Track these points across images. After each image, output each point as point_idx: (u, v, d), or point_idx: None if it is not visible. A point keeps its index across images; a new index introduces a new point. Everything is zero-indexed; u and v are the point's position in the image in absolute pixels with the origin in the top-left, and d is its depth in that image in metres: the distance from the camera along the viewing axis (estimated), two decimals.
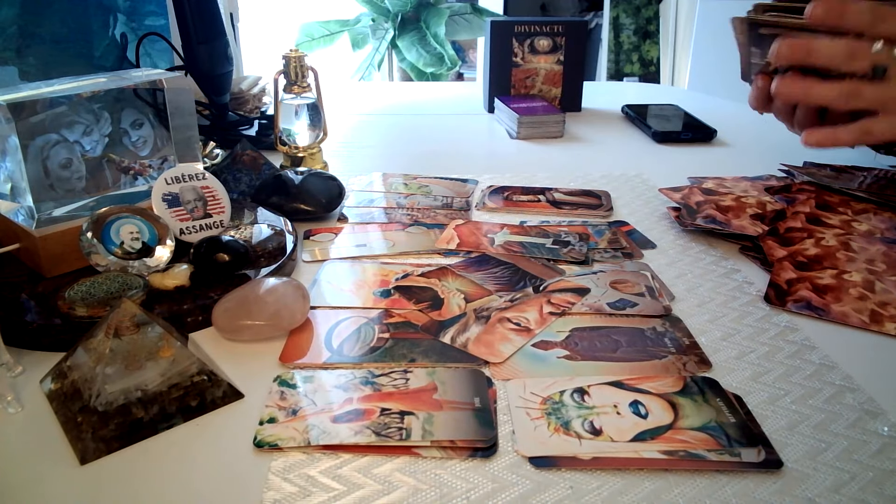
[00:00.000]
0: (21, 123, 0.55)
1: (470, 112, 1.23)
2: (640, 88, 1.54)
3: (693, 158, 0.96)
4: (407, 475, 0.39)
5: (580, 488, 0.38)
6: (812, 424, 0.43)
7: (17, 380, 0.47)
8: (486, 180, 0.86)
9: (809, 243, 0.63)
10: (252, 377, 0.47)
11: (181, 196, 0.62)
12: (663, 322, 0.54)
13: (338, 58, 3.46)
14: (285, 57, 0.81)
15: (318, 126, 0.85)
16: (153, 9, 1.04)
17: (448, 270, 0.61)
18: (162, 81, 0.65)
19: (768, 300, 0.57)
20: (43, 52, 0.90)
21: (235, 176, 0.77)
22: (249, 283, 0.55)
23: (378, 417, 0.42)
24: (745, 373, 0.48)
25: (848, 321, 0.54)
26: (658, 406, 0.44)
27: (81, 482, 0.38)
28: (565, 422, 0.42)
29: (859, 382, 0.47)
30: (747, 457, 0.40)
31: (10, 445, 0.41)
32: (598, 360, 0.49)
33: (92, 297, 0.50)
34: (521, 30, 1.16)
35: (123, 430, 0.41)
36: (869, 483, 0.38)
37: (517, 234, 0.70)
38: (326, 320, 0.54)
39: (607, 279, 0.60)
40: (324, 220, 0.74)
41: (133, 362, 0.42)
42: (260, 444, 0.41)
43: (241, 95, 1.10)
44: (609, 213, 0.76)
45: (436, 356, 0.49)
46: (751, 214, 0.69)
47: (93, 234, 0.55)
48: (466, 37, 3.57)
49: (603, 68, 3.80)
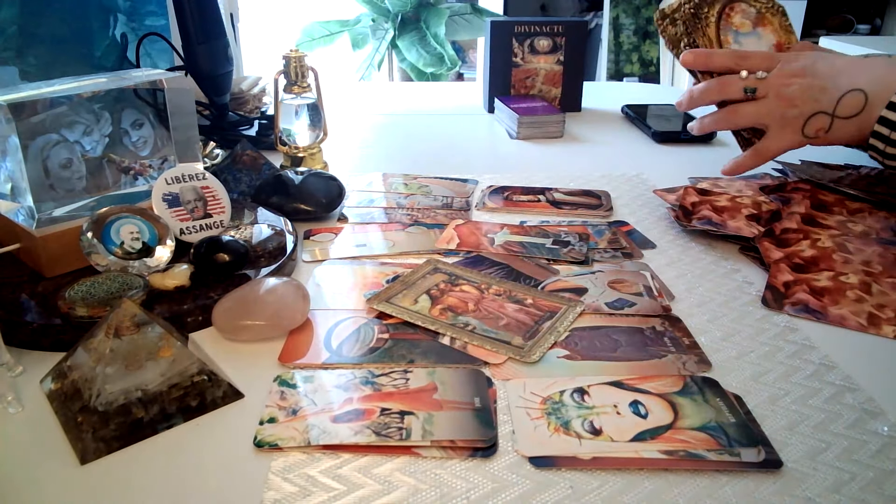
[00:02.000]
0: (21, 123, 0.55)
1: (470, 112, 1.23)
2: (640, 88, 1.54)
3: (693, 158, 0.96)
4: (407, 475, 0.39)
5: (580, 488, 0.38)
6: (812, 424, 0.43)
7: (17, 380, 0.47)
8: (486, 180, 0.86)
9: (805, 244, 0.63)
10: (252, 377, 0.47)
11: (181, 196, 0.62)
12: (663, 322, 0.54)
13: (338, 58, 3.46)
14: (285, 57, 0.81)
15: (318, 126, 0.85)
16: (153, 9, 1.04)
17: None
18: (162, 81, 0.65)
19: (766, 303, 0.57)
20: (43, 52, 0.90)
21: (235, 176, 0.77)
22: (249, 283, 0.55)
23: (378, 417, 0.42)
24: (745, 373, 0.48)
25: (846, 324, 0.54)
26: (658, 406, 0.44)
27: (81, 482, 0.38)
28: (565, 422, 0.42)
29: (859, 382, 0.47)
30: (747, 457, 0.40)
31: (10, 445, 0.41)
32: (597, 360, 0.49)
33: (92, 297, 0.50)
34: (521, 30, 1.16)
35: (123, 430, 0.41)
36: (869, 483, 0.38)
37: (517, 234, 0.70)
38: (326, 320, 0.54)
39: (605, 279, 0.60)
40: (324, 220, 0.74)
41: (133, 362, 0.42)
42: (260, 444, 0.41)
43: (241, 95, 1.10)
44: (609, 213, 0.76)
45: (435, 357, 0.49)
46: (746, 215, 0.69)
47: (93, 234, 0.55)
48: (466, 37, 3.57)
49: (603, 68, 3.80)
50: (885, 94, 0.63)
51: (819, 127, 0.68)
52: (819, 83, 0.67)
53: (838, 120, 0.66)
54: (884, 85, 0.63)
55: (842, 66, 0.67)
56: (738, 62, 0.72)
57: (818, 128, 0.68)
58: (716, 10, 0.78)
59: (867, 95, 0.64)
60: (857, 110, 0.65)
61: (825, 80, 0.67)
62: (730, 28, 0.79)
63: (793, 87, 0.69)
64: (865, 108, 0.65)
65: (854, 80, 0.65)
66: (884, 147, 0.62)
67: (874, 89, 0.64)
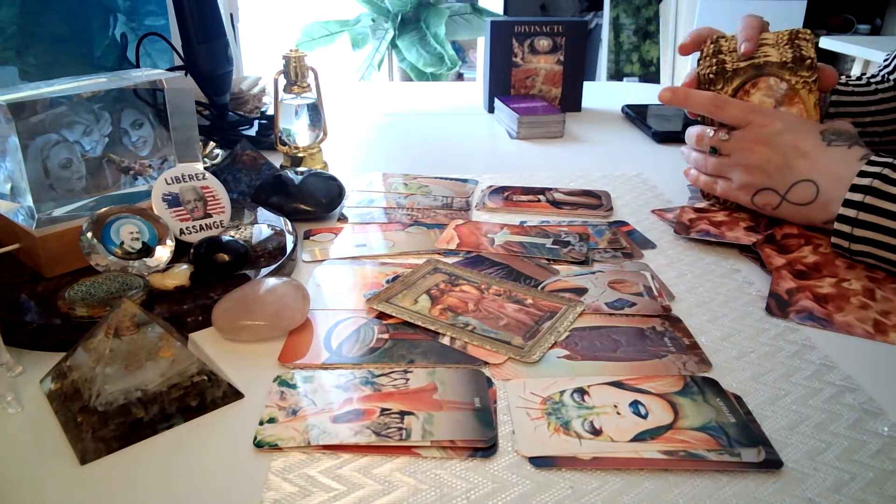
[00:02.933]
0: (21, 123, 0.55)
1: (470, 112, 1.23)
2: (640, 88, 1.54)
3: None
4: (407, 475, 0.39)
5: (580, 488, 0.38)
6: (812, 424, 0.43)
7: (17, 380, 0.47)
8: (486, 180, 0.86)
9: (807, 250, 0.63)
10: (252, 377, 0.47)
11: (181, 196, 0.62)
12: (663, 322, 0.54)
13: (338, 58, 3.46)
14: (285, 57, 0.81)
15: (318, 126, 0.85)
16: (153, 9, 1.04)
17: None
18: (162, 81, 0.65)
19: (770, 311, 0.56)
20: (43, 52, 0.89)
21: (235, 176, 0.77)
22: (249, 283, 0.55)
23: (378, 417, 0.42)
24: (745, 373, 0.48)
25: (853, 332, 0.53)
26: (658, 406, 0.44)
27: (81, 482, 0.38)
28: (565, 422, 0.42)
29: (859, 382, 0.47)
30: (747, 457, 0.40)
31: (10, 445, 0.41)
32: (598, 360, 0.49)
33: (92, 297, 0.50)
34: (521, 30, 1.16)
35: (123, 430, 0.41)
36: (869, 483, 0.38)
37: (517, 234, 0.70)
38: (326, 321, 0.54)
39: (606, 279, 0.60)
40: (324, 220, 0.74)
41: (133, 362, 0.42)
42: (260, 444, 0.41)
43: (241, 95, 1.10)
44: (609, 213, 0.76)
45: (435, 357, 0.49)
46: (744, 227, 0.69)
47: (93, 234, 0.55)
48: (466, 37, 3.57)
49: (603, 68, 3.80)
50: (837, 191, 0.61)
51: (767, 202, 0.68)
52: (778, 159, 0.66)
53: (787, 203, 0.66)
54: (835, 180, 0.62)
55: (803, 149, 0.65)
56: (713, 110, 0.71)
57: (766, 202, 0.68)
58: (733, 85, 0.72)
59: (819, 188, 0.64)
60: (808, 200, 0.65)
61: (785, 157, 0.66)
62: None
63: (754, 156, 0.68)
64: (816, 200, 0.64)
65: (810, 169, 0.64)
66: (848, 244, 0.60)
67: (826, 183, 0.63)
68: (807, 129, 0.67)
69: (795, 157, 0.66)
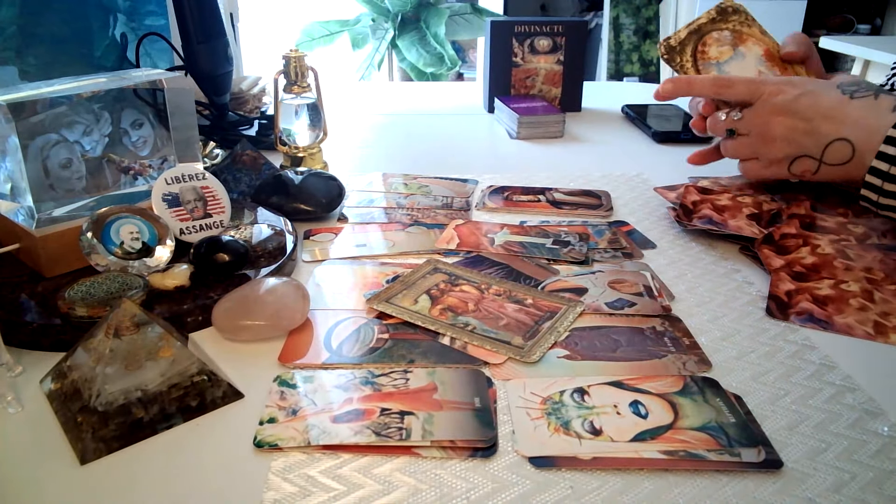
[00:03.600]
0: (21, 123, 0.55)
1: (470, 112, 1.23)
2: (640, 88, 1.54)
3: None
4: (407, 475, 0.39)
5: (580, 488, 0.38)
6: (812, 424, 0.43)
7: (17, 380, 0.47)
8: (486, 180, 0.86)
9: (805, 251, 0.63)
10: (252, 377, 0.47)
11: (181, 196, 0.62)
12: (663, 322, 0.54)
13: (338, 58, 3.46)
14: (285, 57, 0.81)
15: (318, 126, 0.85)
16: (153, 9, 1.04)
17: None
18: (162, 81, 0.65)
19: (770, 313, 0.56)
20: (43, 52, 0.89)
21: (235, 176, 0.77)
22: (249, 283, 0.55)
23: (378, 417, 0.42)
24: (745, 373, 0.48)
25: (853, 333, 0.53)
26: (658, 406, 0.44)
27: (81, 482, 0.38)
28: (565, 422, 0.42)
29: (859, 382, 0.47)
30: (747, 457, 0.40)
31: (10, 445, 0.41)
32: (597, 360, 0.49)
33: (92, 297, 0.50)
34: (521, 30, 1.16)
35: (123, 430, 0.41)
36: (869, 483, 0.38)
37: (517, 234, 0.70)
38: (326, 320, 0.54)
39: (606, 279, 0.60)
40: (324, 220, 0.74)
41: (133, 362, 0.42)
42: (260, 444, 0.41)
43: (241, 95, 1.10)
44: (609, 213, 0.76)
45: (435, 357, 0.49)
46: (747, 215, 0.69)
47: (93, 234, 0.55)
48: (466, 37, 3.58)
49: (603, 68, 3.80)
50: (872, 144, 0.60)
51: (806, 169, 0.66)
52: (802, 126, 0.64)
53: (825, 165, 0.64)
54: (869, 133, 0.60)
55: (826, 107, 0.63)
56: (718, 90, 0.70)
57: (805, 169, 0.66)
58: (688, 54, 0.76)
59: (854, 145, 0.62)
60: (845, 159, 0.63)
61: (808, 121, 0.64)
62: (709, 63, 0.77)
63: (775, 128, 0.66)
64: (854, 157, 0.62)
65: (839, 127, 0.63)
66: (877, 198, 0.60)
67: (860, 138, 0.61)
68: (821, 87, 0.65)
69: (819, 120, 0.64)
